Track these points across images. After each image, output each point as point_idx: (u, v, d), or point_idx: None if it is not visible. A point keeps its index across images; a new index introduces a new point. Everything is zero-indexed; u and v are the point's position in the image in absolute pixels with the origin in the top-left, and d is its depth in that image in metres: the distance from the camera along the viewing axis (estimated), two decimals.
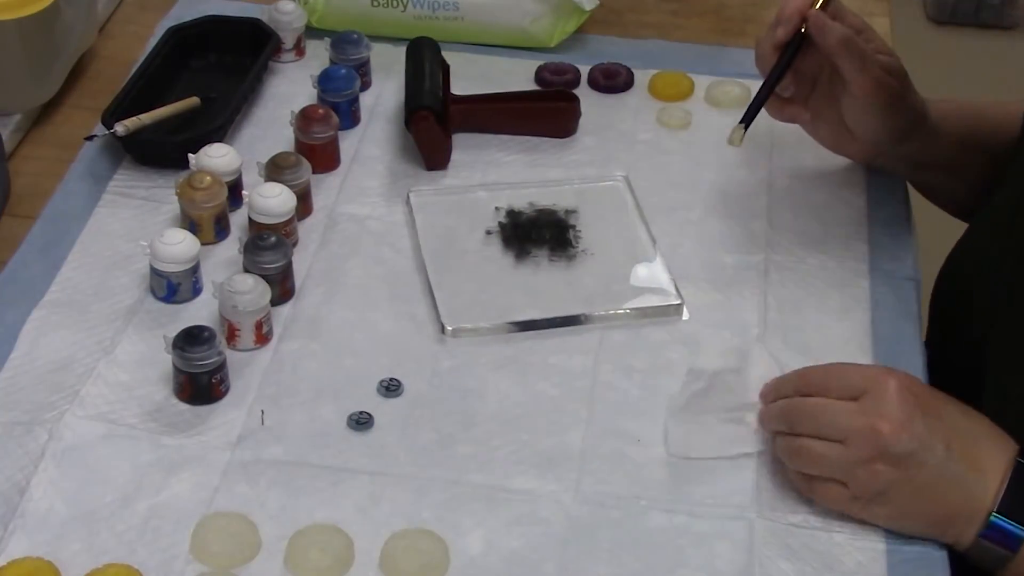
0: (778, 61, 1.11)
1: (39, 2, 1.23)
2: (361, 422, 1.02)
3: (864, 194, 1.23)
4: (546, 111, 1.30)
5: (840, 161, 1.26)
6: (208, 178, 1.14)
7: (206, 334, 1.01)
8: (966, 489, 0.93)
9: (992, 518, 0.93)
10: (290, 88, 1.33)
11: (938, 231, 1.39)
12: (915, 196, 1.25)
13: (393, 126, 1.30)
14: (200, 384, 1.02)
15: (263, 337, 1.07)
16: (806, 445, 0.95)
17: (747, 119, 1.11)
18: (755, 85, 1.30)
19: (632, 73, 1.36)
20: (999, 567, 0.94)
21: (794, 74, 1.13)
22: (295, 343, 1.08)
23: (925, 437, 0.92)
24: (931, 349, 1.15)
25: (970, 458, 0.93)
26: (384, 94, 1.34)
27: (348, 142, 1.27)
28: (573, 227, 1.18)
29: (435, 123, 1.22)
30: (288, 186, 1.14)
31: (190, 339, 1.01)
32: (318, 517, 0.95)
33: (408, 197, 1.21)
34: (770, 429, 0.99)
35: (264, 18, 1.36)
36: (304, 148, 1.22)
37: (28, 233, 1.16)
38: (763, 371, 1.03)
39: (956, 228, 1.24)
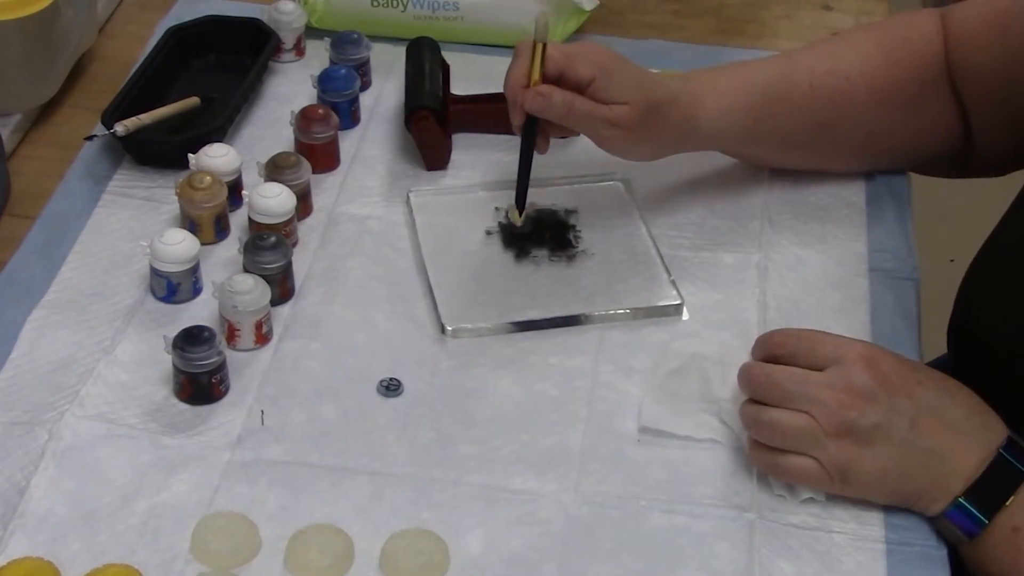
0: (522, 142, 1.10)
1: (39, 2, 1.23)
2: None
3: (864, 194, 1.23)
4: None
5: None
6: (208, 178, 1.14)
7: (206, 334, 1.01)
8: (932, 468, 0.93)
9: (959, 500, 0.93)
10: (290, 88, 1.33)
11: (938, 231, 1.39)
12: (915, 196, 1.25)
13: (393, 126, 1.30)
14: (200, 384, 1.02)
15: (263, 337, 1.07)
16: (775, 417, 0.94)
17: (519, 203, 1.12)
18: None
19: None
20: (959, 545, 0.95)
21: (549, 126, 1.10)
22: (295, 343, 1.08)
23: (888, 412, 0.93)
24: (953, 339, 1.14)
25: (939, 437, 0.93)
26: (384, 94, 1.34)
27: (348, 142, 1.27)
28: (573, 227, 1.18)
29: (435, 123, 1.23)
30: (288, 186, 1.14)
31: (190, 339, 1.01)
32: (318, 517, 0.95)
33: (408, 197, 1.21)
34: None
35: (264, 18, 1.36)
36: (304, 148, 1.22)
37: (28, 233, 1.16)
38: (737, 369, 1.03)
39: (956, 229, 1.24)
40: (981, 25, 1.13)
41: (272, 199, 1.12)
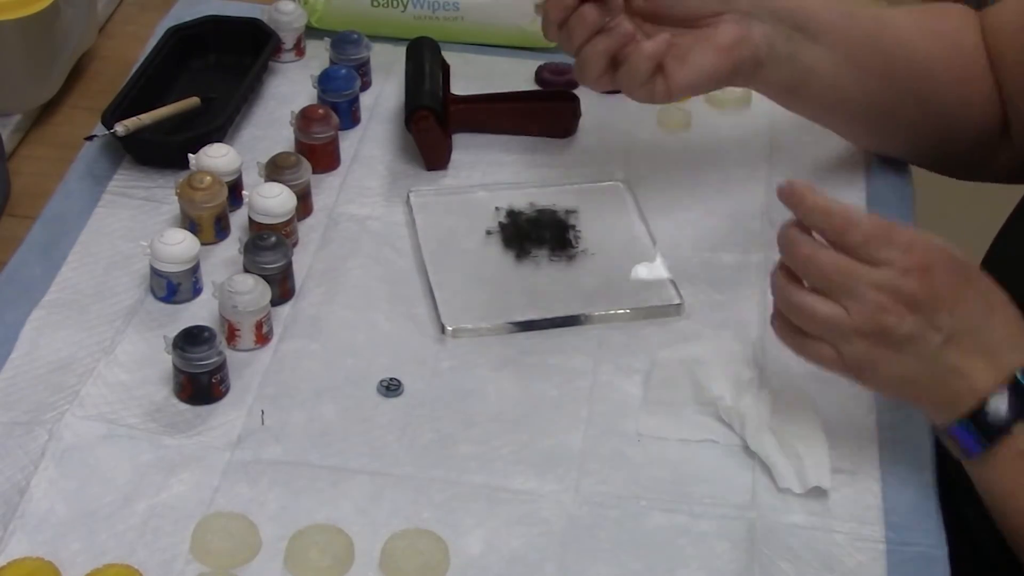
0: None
1: (39, 2, 1.23)
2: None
3: (864, 194, 1.23)
4: (546, 111, 1.30)
5: (840, 161, 1.26)
6: (208, 178, 1.14)
7: (206, 334, 1.01)
8: (952, 385, 0.92)
9: (961, 420, 0.92)
10: (290, 88, 1.33)
11: (939, 232, 1.39)
12: (916, 197, 1.25)
13: (393, 126, 1.30)
14: (200, 384, 1.02)
15: (263, 337, 1.07)
16: (808, 303, 0.91)
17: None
18: None
19: None
20: (962, 460, 0.94)
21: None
22: (295, 343, 1.08)
23: (925, 326, 0.90)
24: None
25: (968, 358, 0.91)
26: (384, 94, 1.34)
27: (348, 142, 1.27)
28: (573, 227, 1.18)
29: (435, 123, 1.23)
30: (288, 186, 1.14)
31: (190, 339, 1.01)
32: (318, 517, 0.95)
33: (408, 197, 1.21)
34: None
35: (264, 18, 1.36)
36: (304, 148, 1.22)
37: (28, 233, 1.16)
38: (731, 367, 1.04)
39: (957, 230, 1.24)
40: (1015, 17, 1.13)
41: (272, 199, 1.12)
